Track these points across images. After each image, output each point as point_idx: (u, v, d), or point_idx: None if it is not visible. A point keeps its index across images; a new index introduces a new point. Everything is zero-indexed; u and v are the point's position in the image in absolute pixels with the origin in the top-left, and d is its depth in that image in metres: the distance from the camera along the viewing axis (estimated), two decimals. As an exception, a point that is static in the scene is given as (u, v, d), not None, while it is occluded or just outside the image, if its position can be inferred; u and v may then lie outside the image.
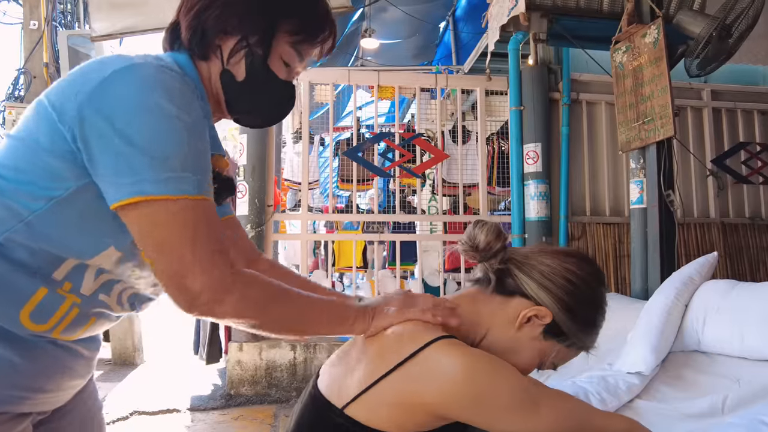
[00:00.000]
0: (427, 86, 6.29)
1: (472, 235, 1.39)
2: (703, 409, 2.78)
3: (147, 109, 1.12)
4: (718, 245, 5.70)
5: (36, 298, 1.17)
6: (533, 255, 1.39)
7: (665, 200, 4.28)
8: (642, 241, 4.49)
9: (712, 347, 3.19)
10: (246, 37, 1.32)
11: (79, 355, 1.32)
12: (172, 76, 1.16)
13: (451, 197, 7.14)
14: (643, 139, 4.35)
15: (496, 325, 1.37)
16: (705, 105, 6.14)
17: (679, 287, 3.43)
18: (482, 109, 6.18)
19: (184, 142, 1.14)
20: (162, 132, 1.12)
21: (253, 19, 1.32)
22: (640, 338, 3.27)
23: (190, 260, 1.11)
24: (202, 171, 1.17)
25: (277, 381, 5.44)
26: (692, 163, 5.92)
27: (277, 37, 1.33)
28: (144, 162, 1.10)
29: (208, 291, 1.12)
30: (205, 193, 1.16)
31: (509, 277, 1.37)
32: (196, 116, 1.18)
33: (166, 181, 1.11)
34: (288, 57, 1.36)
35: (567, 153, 5.72)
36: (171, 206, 1.11)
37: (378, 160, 6.31)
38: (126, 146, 1.10)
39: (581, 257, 1.40)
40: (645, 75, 4.32)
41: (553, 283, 1.33)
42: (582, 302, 1.35)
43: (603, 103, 5.93)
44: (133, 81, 1.13)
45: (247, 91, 1.35)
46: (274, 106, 1.42)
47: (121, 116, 1.11)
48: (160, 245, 1.12)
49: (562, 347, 1.38)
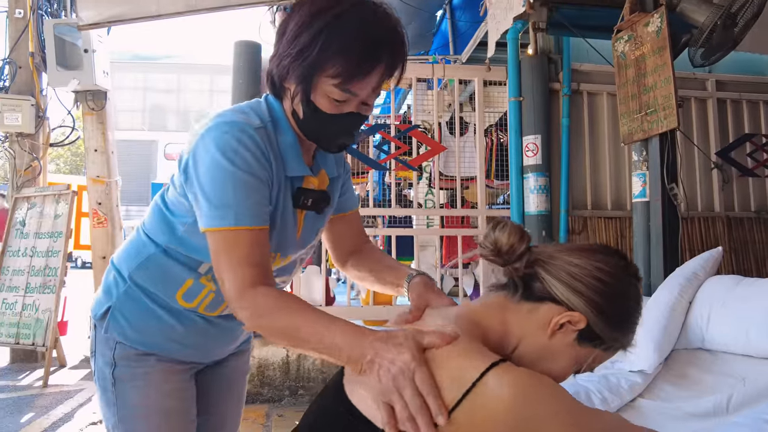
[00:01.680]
0: (424, 76, 6.24)
1: (493, 238, 1.36)
2: (708, 408, 2.79)
3: (213, 165, 1.55)
4: (723, 240, 5.68)
5: (187, 285, 1.79)
6: (559, 255, 1.35)
7: (668, 194, 4.28)
8: (645, 235, 4.49)
9: (717, 345, 3.19)
10: (298, 83, 1.59)
11: (219, 326, 1.91)
12: (237, 138, 1.55)
13: (448, 190, 7.14)
14: (646, 130, 4.35)
15: (528, 334, 1.33)
16: (709, 96, 6.12)
17: (682, 283, 3.43)
18: (480, 100, 6.16)
19: (232, 189, 1.53)
20: (218, 182, 1.53)
21: (297, 69, 1.57)
22: (642, 335, 3.26)
23: (224, 276, 1.50)
24: (247, 206, 1.53)
25: (270, 379, 5.44)
26: (696, 155, 5.90)
27: (319, 81, 1.56)
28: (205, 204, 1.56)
29: (233, 300, 1.48)
30: (248, 223, 1.52)
31: (536, 281, 1.34)
32: (246, 167, 1.54)
33: (218, 218, 1.53)
34: (336, 95, 1.57)
35: (567, 145, 5.70)
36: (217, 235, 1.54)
37: (373, 152, 6.31)
38: (199, 191, 1.57)
39: (610, 252, 1.37)
40: (648, 65, 4.32)
41: (584, 285, 1.30)
42: (616, 302, 1.32)
43: (604, 94, 5.91)
44: (210, 141, 1.56)
45: (305, 126, 1.67)
46: (331, 136, 1.69)
47: (199, 167, 1.58)
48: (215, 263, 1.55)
49: (599, 351, 1.35)
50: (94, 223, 7.69)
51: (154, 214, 1.82)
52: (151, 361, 1.84)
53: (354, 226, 2.09)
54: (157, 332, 1.83)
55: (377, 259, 1.99)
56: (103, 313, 1.85)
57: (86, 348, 7.70)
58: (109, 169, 7.76)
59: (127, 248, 1.90)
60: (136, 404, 1.82)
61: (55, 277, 6.92)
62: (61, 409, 5.48)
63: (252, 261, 1.50)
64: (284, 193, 1.70)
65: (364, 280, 1.99)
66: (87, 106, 7.63)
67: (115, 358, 1.84)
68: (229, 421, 2.18)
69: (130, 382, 1.83)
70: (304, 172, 1.74)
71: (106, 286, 1.89)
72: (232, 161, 1.53)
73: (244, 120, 1.60)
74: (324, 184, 1.84)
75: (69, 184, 7.42)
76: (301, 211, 1.79)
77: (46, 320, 6.81)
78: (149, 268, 1.81)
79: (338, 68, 1.51)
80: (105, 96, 7.70)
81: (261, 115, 1.68)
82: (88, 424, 5.00)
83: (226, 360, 2.12)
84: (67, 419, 5.17)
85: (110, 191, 7.76)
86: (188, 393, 1.94)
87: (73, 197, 7.22)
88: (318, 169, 1.84)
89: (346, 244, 2.07)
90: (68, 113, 7.84)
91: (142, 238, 1.85)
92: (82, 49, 7.26)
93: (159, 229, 1.80)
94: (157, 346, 1.85)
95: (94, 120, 7.68)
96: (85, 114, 7.70)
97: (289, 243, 1.79)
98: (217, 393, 2.12)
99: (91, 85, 7.42)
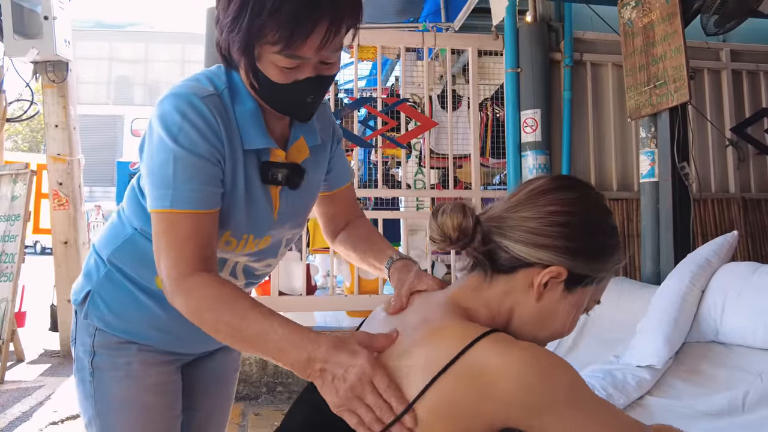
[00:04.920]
0: (413, 46, 6.18)
1: (437, 226, 1.37)
2: (722, 406, 2.79)
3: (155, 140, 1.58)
4: (739, 223, 5.67)
5: None
6: (510, 214, 1.35)
7: (679, 173, 4.28)
8: (653, 218, 4.48)
9: (732, 337, 3.19)
10: (240, 55, 1.55)
11: None
12: (182, 112, 1.55)
13: (439, 170, 7.12)
14: (655, 104, 4.34)
15: (516, 306, 1.35)
16: (724, 67, 6.10)
17: (694, 270, 3.43)
18: (475, 72, 6.10)
19: (172, 169, 1.54)
20: (161, 161, 1.55)
21: (235, 40, 1.52)
22: (651, 328, 3.27)
23: (161, 262, 1.53)
24: (189, 188, 1.54)
25: (246, 376, 5.39)
26: (709, 131, 5.89)
27: (261, 50, 1.51)
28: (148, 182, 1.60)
29: (167, 288, 1.52)
30: (188, 207, 1.53)
31: (501, 252, 1.34)
32: (190, 145, 1.54)
33: (159, 199, 1.54)
34: (283, 63, 1.52)
35: (569, 120, 5.70)
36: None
37: (358, 128, 6.28)
38: (146, 170, 1.61)
39: (558, 187, 1.37)
40: (657, 33, 4.29)
41: (547, 237, 1.30)
42: (587, 236, 1.33)
43: (609, 65, 5.90)
44: (156, 117, 1.58)
45: (263, 98, 1.63)
46: (293, 106, 1.65)
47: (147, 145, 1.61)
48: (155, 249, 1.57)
49: (593, 287, 1.37)
50: (54, 205, 7.61)
51: (130, 197, 1.83)
52: (133, 350, 1.85)
53: (347, 202, 2.11)
54: (139, 318, 1.84)
55: (363, 236, 2.00)
56: (83, 298, 1.87)
57: (46, 341, 7.69)
58: (71, 146, 7.68)
59: (107, 231, 1.92)
60: (115, 397, 1.83)
61: (12, 264, 6.86)
62: (18, 407, 5.44)
63: (191, 246, 1.52)
64: (246, 167, 1.69)
65: (350, 257, 2.03)
66: (47, 77, 7.54)
67: (94, 346, 1.85)
68: (215, 418, 2.19)
69: (109, 372, 1.84)
70: (265, 144, 1.70)
71: (86, 270, 1.92)
72: (175, 139, 1.54)
73: (192, 90, 1.60)
74: (299, 156, 1.81)
75: (27, 163, 7.35)
76: (276, 187, 1.77)
77: (2, 311, 6.75)
78: (127, 250, 1.83)
79: (275, 33, 1.45)
80: (66, 67, 7.60)
81: (216, 81, 1.67)
82: (48, 424, 4.96)
83: (214, 354, 2.13)
84: (25, 418, 5.12)
85: (72, 170, 7.68)
86: (172, 387, 1.95)
87: (31, 177, 7.15)
88: (295, 138, 1.80)
89: (338, 220, 2.10)
90: (26, 86, 7.74)
91: (121, 221, 1.88)
92: (42, 15, 7.15)
93: (133, 212, 1.81)
94: (139, 334, 1.86)
95: (54, 93, 7.59)
96: (45, 86, 7.61)
97: (264, 223, 1.77)
98: (204, 388, 2.13)
99: (51, 55, 7.32)
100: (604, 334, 3.86)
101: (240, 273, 1.90)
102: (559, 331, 1.37)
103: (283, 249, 1.97)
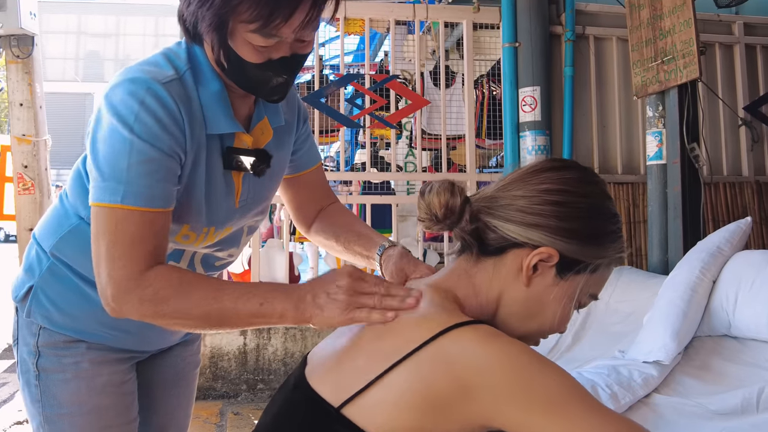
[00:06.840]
0: (404, 18, 6.20)
1: (425, 205, 1.36)
2: (734, 405, 2.79)
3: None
4: (752, 209, 5.69)
5: None
6: (501, 193, 1.35)
7: (688, 155, 4.28)
8: (661, 203, 4.49)
9: (746, 331, 3.19)
10: (211, 32, 1.51)
11: None
12: (140, 100, 1.49)
13: (432, 151, 7.13)
14: (663, 81, 4.34)
15: (504, 292, 1.34)
16: (736, 41, 6.10)
17: (705, 259, 3.42)
18: (469, 46, 6.09)
19: (127, 161, 1.48)
20: (114, 152, 1.49)
21: (206, 15, 1.48)
22: (658, 321, 3.26)
23: (102, 263, 1.48)
24: (144, 185, 1.49)
25: (224, 372, 5.42)
26: (721, 110, 5.90)
27: (235, 27, 1.48)
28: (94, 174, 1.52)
29: (118, 293, 1.46)
30: (141, 204, 1.48)
31: (489, 232, 1.34)
32: (149, 137, 1.49)
33: (108, 192, 1.48)
34: (259, 42, 1.49)
35: (571, 98, 5.69)
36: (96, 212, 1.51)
37: (344, 107, 6.25)
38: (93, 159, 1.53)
39: (554, 167, 1.37)
40: (664, 5, 4.29)
41: (538, 215, 1.29)
42: (582, 217, 1.31)
43: (614, 39, 5.90)
44: (109, 104, 1.53)
45: (232, 77, 1.61)
46: (264, 86, 1.62)
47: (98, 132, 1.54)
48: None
49: (587, 276, 1.34)
50: (19, 190, 7.60)
51: (75, 182, 1.77)
52: (81, 348, 1.80)
53: (317, 185, 2.10)
54: (86, 315, 1.78)
55: (345, 223, 1.99)
56: (25, 294, 1.81)
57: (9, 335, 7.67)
58: (37, 126, 7.66)
59: (48, 220, 1.86)
60: (64, 401, 1.78)
61: (-27, 253, 6.85)
62: (-21, 407, 5.44)
63: (141, 248, 1.48)
64: (209, 154, 1.66)
65: (331, 248, 2.00)
66: (11, 53, 7.51)
67: (39, 346, 1.80)
68: (176, 420, 2.15)
69: (57, 374, 1.79)
70: (230, 129, 1.68)
71: (27, 264, 1.86)
72: (131, 128, 1.48)
73: (151, 75, 1.54)
74: (263, 141, 1.79)
75: (-11, 144, 7.34)
76: (238, 172, 1.75)
77: (-38, 303, 6.75)
78: (72, 242, 1.77)
79: (254, 11, 1.42)
80: (32, 41, 7.57)
81: (176, 62, 1.63)
82: (12, 424, 4.95)
83: (171, 350, 2.09)
84: (-12, 418, 5.12)
85: (38, 152, 7.66)
86: (127, 387, 1.90)
87: (-7, 159, 7.14)
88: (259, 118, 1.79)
89: (309, 206, 2.09)
90: (-12, 61, 7.74)
91: (65, 207, 1.81)
92: (4, -14, 7.15)
93: (79, 198, 1.75)
94: (87, 331, 1.81)
95: (19, 69, 7.57)
96: (9, 62, 7.58)
97: (225, 213, 1.76)
98: (162, 388, 2.09)
99: (15, 29, 7.29)
100: (609, 327, 3.86)
101: (198, 264, 1.88)
102: (548, 325, 1.36)
103: (246, 237, 1.97)
